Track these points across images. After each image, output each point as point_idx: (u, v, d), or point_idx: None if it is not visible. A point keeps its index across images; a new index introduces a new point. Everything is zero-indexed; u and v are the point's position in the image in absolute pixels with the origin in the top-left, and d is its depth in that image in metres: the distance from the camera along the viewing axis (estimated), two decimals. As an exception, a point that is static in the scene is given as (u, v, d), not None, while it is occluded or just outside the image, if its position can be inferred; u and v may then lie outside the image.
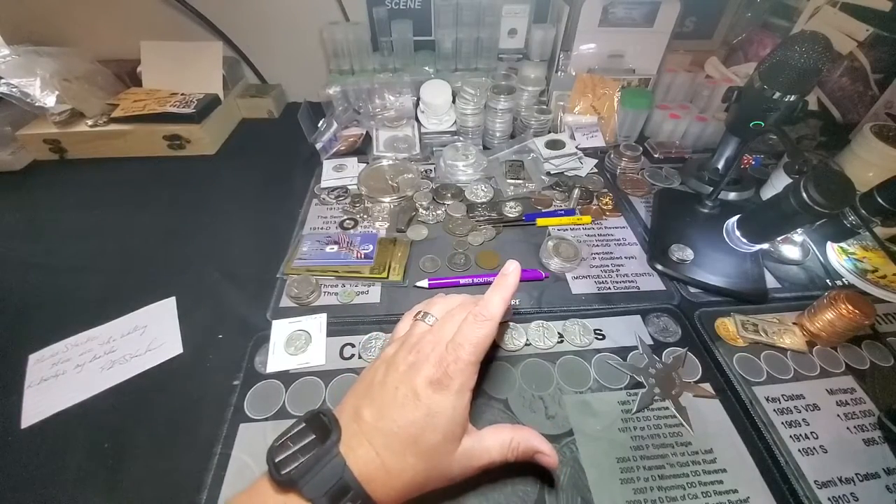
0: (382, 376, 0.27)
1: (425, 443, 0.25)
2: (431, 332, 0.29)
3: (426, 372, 0.26)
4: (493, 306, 0.29)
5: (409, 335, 0.30)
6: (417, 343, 0.28)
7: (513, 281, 0.31)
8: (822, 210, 0.36)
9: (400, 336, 0.32)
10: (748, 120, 0.48)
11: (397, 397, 0.25)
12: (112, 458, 0.33)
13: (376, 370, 0.28)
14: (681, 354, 0.40)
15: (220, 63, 0.71)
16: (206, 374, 0.39)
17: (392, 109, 0.67)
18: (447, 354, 0.26)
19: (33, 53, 0.65)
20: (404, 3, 0.71)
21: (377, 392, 0.26)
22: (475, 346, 0.27)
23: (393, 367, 0.27)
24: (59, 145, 0.65)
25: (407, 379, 0.26)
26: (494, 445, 0.28)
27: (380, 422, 0.25)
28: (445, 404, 0.25)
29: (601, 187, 0.60)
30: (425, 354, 0.27)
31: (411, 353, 0.27)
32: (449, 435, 0.26)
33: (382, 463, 0.24)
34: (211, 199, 0.59)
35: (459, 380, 0.26)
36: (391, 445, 0.24)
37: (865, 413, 0.36)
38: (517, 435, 0.28)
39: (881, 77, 0.67)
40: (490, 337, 0.28)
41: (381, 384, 0.27)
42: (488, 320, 0.28)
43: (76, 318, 0.43)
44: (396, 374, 0.27)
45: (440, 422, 0.25)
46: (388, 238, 0.51)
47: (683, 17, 0.67)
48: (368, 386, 0.27)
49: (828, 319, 0.39)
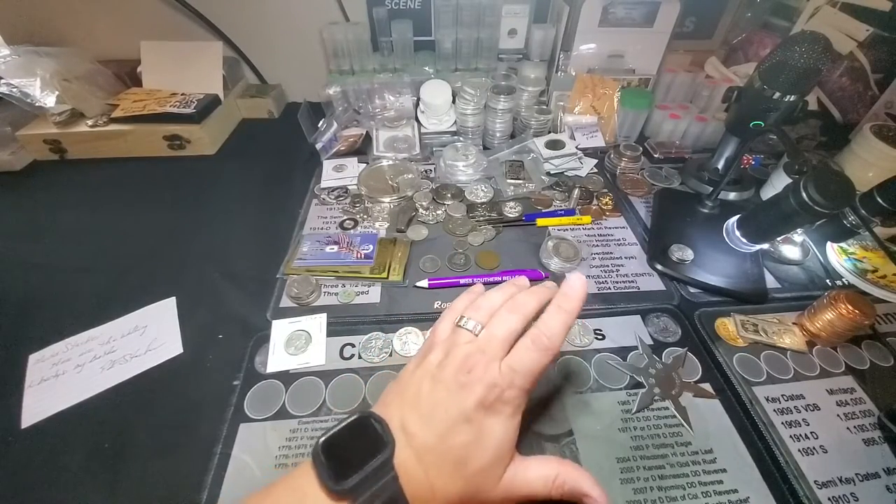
0: (429, 390, 0.26)
1: (473, 465, 0.24)
2: (479, 346, 0.26)
3: (478, 395, 0.24)
4: (555, 336, 0.26)
5: (454, 344, 0.27)
6: (466, 360, 0.26)
7: (577, 304, 0.27)
8: (822, 210, 0.36)
9: (442, 340, 0.29)
10: (748, 120, 0.48)
11: (448, 418, 0.24)
12: (112, 458, 0.33)
13: (421, 382, 0.26)
14: (681, 354, 0.40)
15: (220, 63, 0.71)
16: (206, 374, 0.39)
17: (392, 109, 0.67)
18: (501, 379, 0.25)
19: (33, 53, 0.65)
20: (404, 3, 0.71)
21: (426, 408, 0.25)
22: (531, 374, 0.25)
23: (441, 384, 0.26)
24: (59, 145, 0.65)
25: (458, 400, 0.25)
26: (538, 479, 0.26)
27: (429, 440, 0.24)
28: (497, 428, 0.25)
29: (601, 187, 0.60)
30: (478, 376, 0.25)
31: (461, 371, 0.25)
32: (496, 460, 0.25)
33: (430, 482, 0.24)
34: (211, 199, 0.59)
35: (512, 406, 0.25)
36: (440, 466, 0.24)
37: (865, 413, 0.36)
38: (564, 471, 0.27)
39: (881, 77, 0.67)
40: (546, 367, 0.26)
41: (429, 399, 0.25)
42: (548, 350, 0.26)
43: (76, 318, 0.43)
44: (446, 394, 0.25)
45: (490, 445, 0.25)
46: (388, 238, 0.51)
47: (683, 17, 0.67)
48: (415, 398, 0.26)
49: (828, 319, 0.39)
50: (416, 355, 0.30)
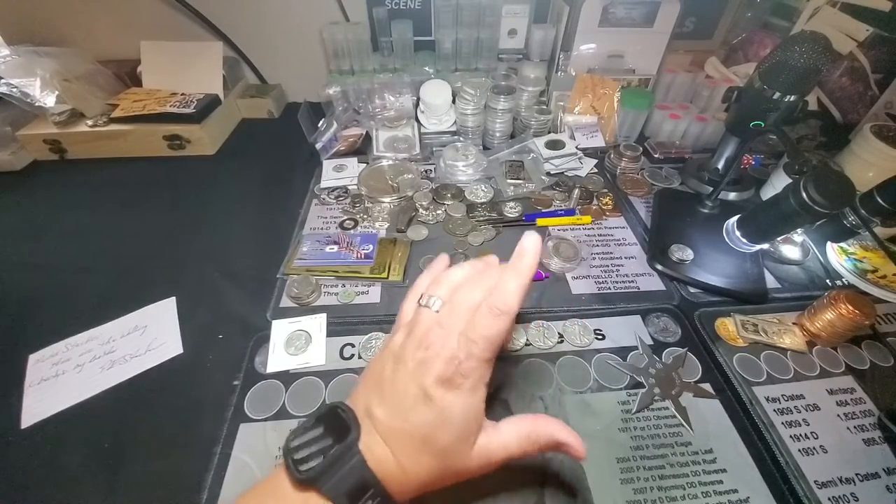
0: (391, 372, 0.25)
1: (439, 443, 0.24)
2: (439, 322, 0.26)
3: (437, 370, 0.24)
4: (510, 297, 0.25)
5: (415, 324, 0.27)
6: (425, 336, 0.25)
7: (530, 262, 0.26)
8: (822, 210, 0.36)
9: (405, 322, 0.29)
10: (748, 120, 0.48)
11: (408, 397, 0.24)
12: (112, 458, 0.33)
13: (384, 363, 0.26)
14: (681, 354, 0.40)
15: (220, 63, 0.71)
16: (206, 374, 0.39)
17: (392, 109, 0.67)
18: (459, 351, 0.24)
19: (33, 53, 0.65)
20: (404, 3, 0.71)
21: (388, 389, 0.25)
22: (489, 341, 0.24)
23: (402, 364, 0.25)
24: (59, 145, 0.65)
25: (417, 378, 0.24)
26: (512, 440, 0.26)
27: (392, 421, 0.24)
28: (458, 403, 0.24)
29: (601, 187, 0.60)
30: (435, 351, 0.24)
31: (419, 348, 0.25)
32: (463, 434, 0.25)
33: (398, 462, 0.24)
34: (211, 199, 0.59)
35: (472, 378, 0.24)
36: (405, 446, 0.24)
37: (865, 413, 0.36)
38: (536, 426, 0.27)
39: (881, 77, 0.67)
40: (506, 331, 0.25)
41: (390, 381, 0.25)
42: (504, 314, 0.24)
43: (76, 318, 0.43)
44: (406, 372, 0.25)
45: (453, 422, 0.24)
46: (388, 238, 0.51)
47: (683, 17, 0.67)
48: (378, 381, 0.26)
49: (828, 319, 0.39)
50: (384, 341, 0.30)
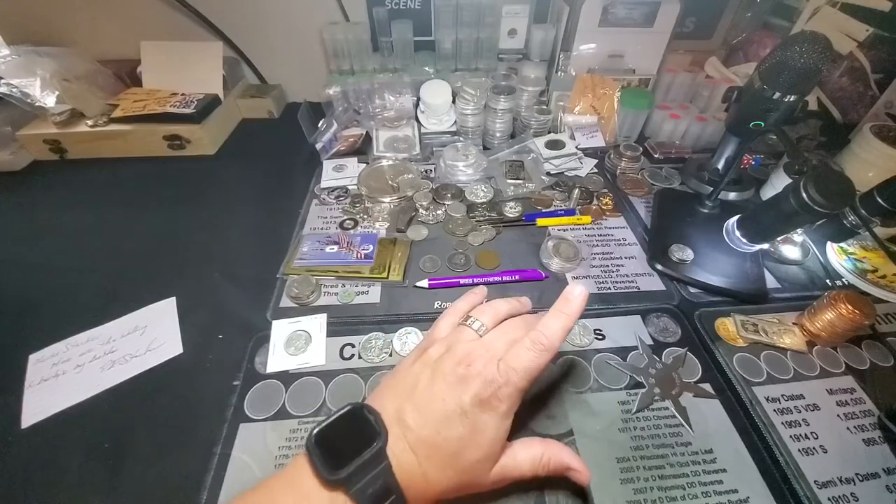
0: (428, 382, 0.26)
1: (466, 460, 0.25)
2: (482, 344, 0.28)
3: (475, 389, 0.25)
4: (554, 337, 0.27)
5: (456, 341, 0.28)
6: (467, 355, 0.27)
7: (577, 309, 0.28)
8: (822, 210, 0.36)
9: (442, 337, 0.30)
10: (748, 120, 0.48)
11: (445, 410, 0.25)
12: (112, 459, 0.33)
13: (419, 374, 0.27)
14: (681, 354, 0.40)
15: (220, 63, 0.71)
16: (206, 374, 0.39)
17: (392, 109, 0.67)
18: (499, 376, 0.25)
19: (33, 53, 0.65)
20: (404, 3, 0.71)
21: (423, 399, 0.26)
22: (528, 373, 0.26)
23: (440, 376, 0.26)
24: (59, 145, 0.65)
25: (455, 393, 0.25)
26: (526, 460, 0.28)
27: (424, 431, 0.25)
28: (491, 424, 0.25)
29: (601, 187, 0.60)
30: (476, 370, 0.26)
31: (461, 364, 0.26)
32: (489, 454, 0.26)
33: (423, 472, 0.24)
34: (211, 199, 0.59)
35: (507, 404, 0.25)
36: (434, 458, 0.24)
37: (865, 413, 0.36)
38: (548, 450, 0.28)
39: (881, 77, 0.67)
40: (543, 367, 0.26)
41: (427, 391, 0.26)
42: (546, 351, 0.26)
43: (76, 318, 0.43)
44: (444, 385, 0.26)
45: (483, 441, 0.25)
46: (388, 238, 0.51)
47: (683, 17, 0.67)
48: (412, 389, 0.26)
49: (828, 319, 0.39)
50: (414, 351, 0.31)
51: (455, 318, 0.32)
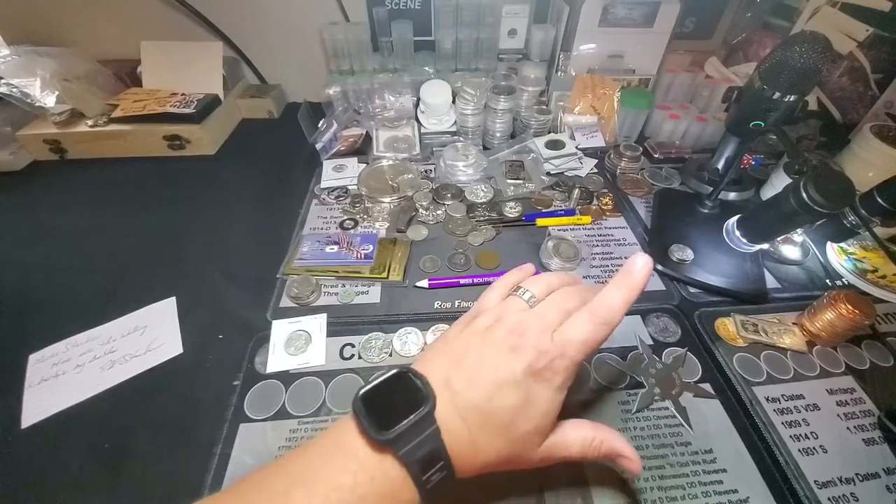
0: (478, 349, 0.25)
1: (517, 430, 0.24)
2: (535, 315, 0.26)
3: (529, 359, 0.24)
4: (615, 309, 0.25)
5: (506, 311, 0.27)
6: (519, 324, 0.25)
7: (640, 281, 0.25)
8: (822, 210, 0.36)
9: (492, 307, 0.28)
10: (748, 120, 0.48)
11: (498, 378, 0.24)
12: (112, 459, 0.33)
13: (469, 341, 0.26)
14: (681, 354, 0.40)
15: (220, 63, 0.71)
16: (206, 374, 0.39)
17: (392, 109, 0.67)
18: (553, 347, 0.24)
19: (33, 53, 0.65)
20: (404, 4, 0.71)
21: (473, 365, 0.24)
22: (586, 345, 0.24)
23: (491, 343, 0.25)
24: (59, 145, 0.65)
25: (509, 362, 0.24)
26: (576, 441, 0.26)
27: (476, 399, 0.23)
28: (544, 396, 0.24)
29: (601, 187, 0.60)
30: (530, 340, 0.24)
31: (513, 334, 0.25)
32: (540, 427, 0.25)
33: (472, 440, 0.23)
34: (211, 199, 0.59)
35: (562, 377, 0.24)
36: (484, 426, 0.23)
37: (865, 413, 0.36)
38: (599, 434, 0.27)
39: (881, 77, 0.67)
40: (601, 342, 0.25)
41: (476, 359, 0.24)
42: (605, 324, 0.24)
43: (76, 318, 0.43)
44: (495, 352, 0.24)
45: (535, 413, 0.24)
46: (388, 238, 0.51)
47: (683, 17, 0.67)
48: (461, 356, 0.25)
49: (828, 319, 0.39)
50: (460, 322, 0.29)
51: (504, 290, 0.30)
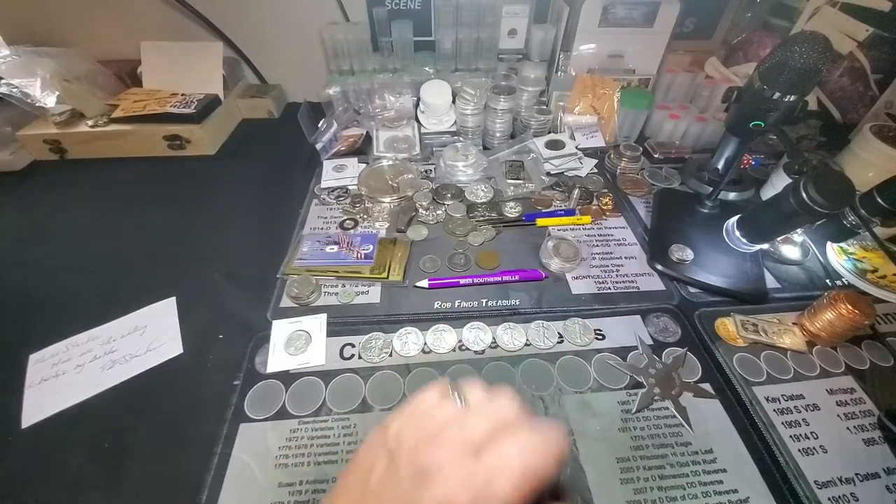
0: (382, 473, 0.19)
1: None
2: (457, 421, 0.19)
3: (438, 491, 0.17)
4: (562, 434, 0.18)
5: (423, 411, 0.20)
6: (434, 436, 0.19)
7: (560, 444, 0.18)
8: (822, 210, 0.36)
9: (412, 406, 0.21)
10: (748, 120, 0.48)
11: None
12: (112, 458, 0.33)
13: (375, 459, 0.19)
14: (681, 354, 0.40)
15: (220, 63, 0.71)
16: (206, 374, 0.39)
17: (392, 110, 0.67)
18: (475, 476, 0.17)
19: (33, 54, 0.65)
20: (404, 4, 0.71)
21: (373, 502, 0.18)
22: (526, 479, 0.17)
23: (395, 464, 0.18)
24: (59, 145, 0.65)
25: (409, 494, 0.17)
26: None
27: None
28: None
29: (601, 187, 0.60)
30: (439, 460, 0.17)
31: (419, 448, 0.18)
32: None
33: None
34: (211, 200, 0.59)
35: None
36: None
37: (865, 413, 0.36)
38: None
39: (881, 77, 0.67)
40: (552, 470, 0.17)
41: (378, 489, 0.18)
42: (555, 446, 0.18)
43: (76, 318, 0.43)
44: (397, 479, 0.18)
45: None
46: (388, 238, 0.51)
47: (683, 17, 0.67)
48: (363, 486, 0.19)
49: (828, 319, 0.39)
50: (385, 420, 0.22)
51: (439, 391, 0.22)
